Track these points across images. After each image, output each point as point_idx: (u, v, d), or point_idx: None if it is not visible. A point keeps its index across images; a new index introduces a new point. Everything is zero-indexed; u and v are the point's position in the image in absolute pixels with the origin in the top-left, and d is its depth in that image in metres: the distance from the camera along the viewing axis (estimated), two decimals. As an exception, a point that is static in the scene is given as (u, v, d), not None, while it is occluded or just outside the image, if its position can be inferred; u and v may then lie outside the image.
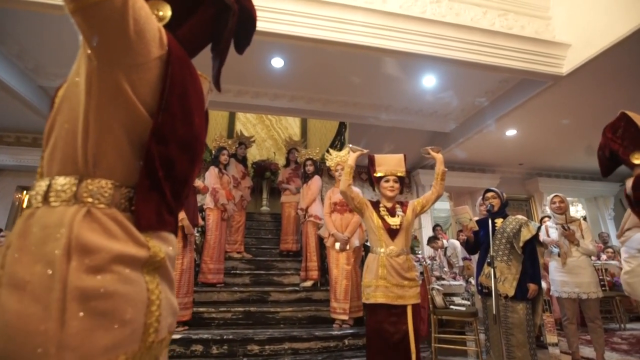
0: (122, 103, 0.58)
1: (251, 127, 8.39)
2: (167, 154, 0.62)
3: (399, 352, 1.99)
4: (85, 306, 0.49)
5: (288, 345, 2.83)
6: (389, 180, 2.31)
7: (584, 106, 4.07)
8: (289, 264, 4.40)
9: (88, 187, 0.57)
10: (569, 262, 3.04)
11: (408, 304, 2.07)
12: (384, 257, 2.14)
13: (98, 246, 0.52)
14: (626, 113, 1.89)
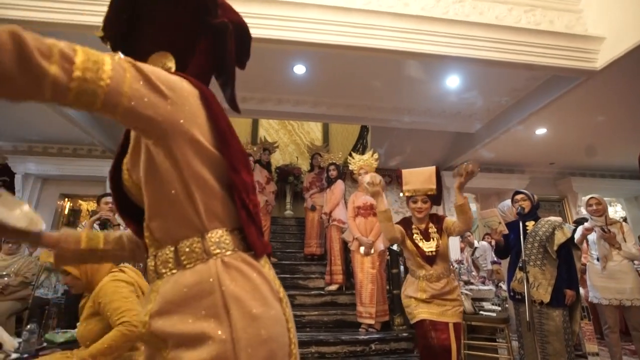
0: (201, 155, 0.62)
1: (274, 133, 8.54)
2: (242, 179, 0.66)
3: None
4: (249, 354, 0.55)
5: (315, 349, 2.84)
6: (417, 201, 2.12)
7: (619, 101, 3.86)
8: (314, 267, 4.43)
9: (211, 239, 0.62)
10: (610, 266, 2.89)
11: (450, 322, 1.99)
12: (423, 282, 2.05)
13: (245, 296, 0.58)
14: None
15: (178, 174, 0.60)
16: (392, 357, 2.91)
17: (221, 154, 0.64)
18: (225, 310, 0.55)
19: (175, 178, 0.60)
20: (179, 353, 0.54)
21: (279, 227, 5.89)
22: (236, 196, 0.64)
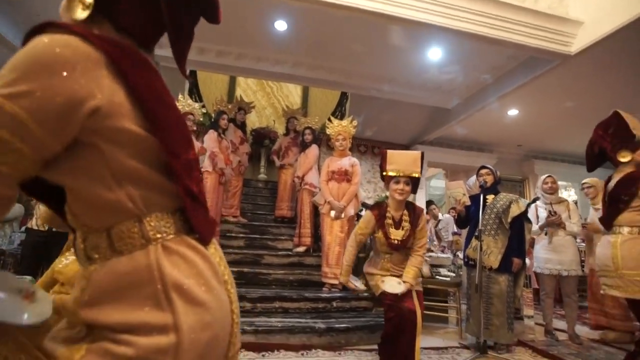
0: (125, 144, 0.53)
1: (251, 94, 8.24)
2: (182, 161, 0.59)
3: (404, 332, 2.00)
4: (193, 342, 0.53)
5: (279, 304, 2.96)
6: (399, 182, 2.06)
7: (588, 89, 4.02)
8: (283, 229, 4.50)
9: (150, 224, 0.56)
10: (555, 240, 3.16)
11: (413, 289, 2.06)
12: (388, 263, 2.12)
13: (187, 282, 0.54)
14: (619, 112, 1.94)
15: (102, 165, 0.52)
16: (352, 314, 3.10)
17: (153, 135, 0.55)
18: (166, 299, 0.52)
19: (98, 169, 0.52)
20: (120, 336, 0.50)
21: (251, 190, 5.87)
22: (178, 184, 0.57)
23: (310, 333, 2.61)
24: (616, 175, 1.93)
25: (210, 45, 4.16)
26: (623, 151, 1.87)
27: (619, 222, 1.86)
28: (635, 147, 1.88)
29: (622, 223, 1.85)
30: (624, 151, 1.86)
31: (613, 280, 1.85)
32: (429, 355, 2.53)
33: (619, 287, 1.81)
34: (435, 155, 6.35)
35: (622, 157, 1.87)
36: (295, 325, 2.63)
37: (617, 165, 1.94)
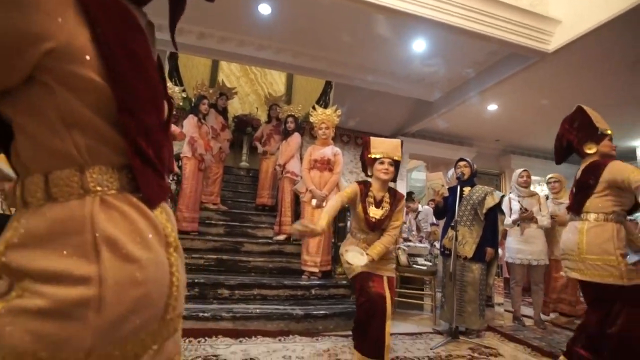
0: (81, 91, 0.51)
1: (234, 80, 8.06)
2: (139, 120, 0.57)
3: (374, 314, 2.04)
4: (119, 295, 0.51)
5: (257, 292, 2.97)
6: (383, 162, 2.15)
7: (564, 87, 4.16)
8: (264, 217, 4.49)
9: (92, 175, 0.54)
10: (526, 232, 3.30)
11: (384, 275, 2.13)
12: (363, 244, 2.15)
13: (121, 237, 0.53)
14: (582, 107, 2.05)
15: (52, 107, 0.50)
16: (330, 301, 3.14)
17: (110, 87, 0.53)
18: (94, 250, 0.50)
19: (48, 110, 0.51)
20: (37, 287, 0.49)
21: (232, 177, 5.80)
22: (128, 141, 0.56)
23: (288, 319, 2.64)
24: (582, 165, 2.04)
25: (191, 27, 4.02)
26: (588, 143, 1.98)
27: (587, 208, 1.96)
28: (599, 140, 1.99)
29: (589, 210, 1.95)
30: (590, 143, 1.98)
31: (575, 264, 1.95)
32: (403, 341, 2.61)
33: (580, 271, 1.92)
34: (417, 148, 6.45)
35: (588, 149, 1.98)
36: (273, 311, 2.65)
37: (583, 157, 2.05)
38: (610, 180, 1.88)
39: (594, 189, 1.92)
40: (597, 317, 1.90)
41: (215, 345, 2.21)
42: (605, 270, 1.83)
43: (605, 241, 1.86)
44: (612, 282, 1.81)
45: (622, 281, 1.79)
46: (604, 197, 1.90)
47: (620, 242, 1.85)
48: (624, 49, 3.32)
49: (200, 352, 2.07)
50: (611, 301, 1.85)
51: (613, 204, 1.89)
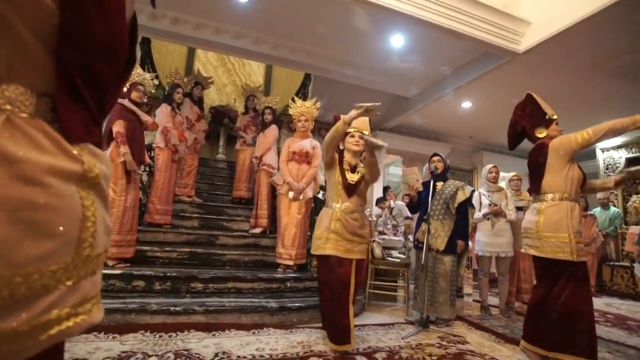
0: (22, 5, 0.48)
1: (212, 69, 7.84)
2: (83, 58, 0.55)
3: (338, 299, 2.13)
4: (11, 215, 0.47)
5: (232, 285, 2.93)
6: (354, 136, 2.31)
7: (533, 87, 4.27)
8: (240, 211, 4.43)
9: (4, 93, 0.50)
10: (496, 225, 3.45)
11: (354, 258, 2.19)
12: (339, 212, 2.20)
13: (23, 157, 0.48)
14: (532, 94, 2.18)
15: None
16: (305, 293, 3.16)
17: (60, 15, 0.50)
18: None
19: None
20: None
21: (208, 169, 5.68)
22: (62, 73, 0.53)
23: (263, 312, 2.63)
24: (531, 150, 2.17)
25: (165, 11, 3.87)
26: (539, 128, 2.13)
27: (544, 189, 2.08)
28: (548, 124, 2.13)
29: (546, 190, 2.08)
30: (540, 128, 2.13)
31: (533, 242, 2.08)
32: (376, 331, 2.67)
33: (537, 248, 2.05)
34: (394, 143, 6.55)
35: (539, 133, 2.12)
36: (247, 305, 2.63)
37: (534, 142, 2.18)
38: (558, 152, 2.00)
39: (545, 166, 2.04)
40: (543, 291, 2.02)
41: (187, 339, 2.17)
42: (558, 247, 1.95)
43: (559, 219, 1.97)
44: (563, 257, 1.93)
45: (572, 257, 1.91)
46: (556, 175, 2.02)
47: (573, 220, 1.97)
48: (587, 52, 3.49)
49: (171, 347, 2.02)
50: (558, 276, 1.97)
51: (565, 181, 2.01)
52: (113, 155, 2.77)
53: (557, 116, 2.16)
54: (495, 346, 2.49)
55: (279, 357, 2.00)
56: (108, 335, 2.09)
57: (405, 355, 2.15)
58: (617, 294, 5.26)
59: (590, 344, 1.88)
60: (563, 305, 1.92)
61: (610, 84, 4.05)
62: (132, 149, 2.84)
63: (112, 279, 2.60)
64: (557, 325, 1.93)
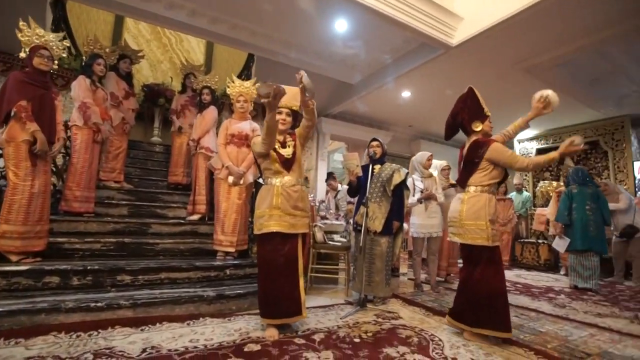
0: None
1: (144, 43, 7.13)
2: None
3: (286, 276, 2.13)
4: None
5: (165, 275, 2.75)
6: (281, 112, 2.23)
7: (464, 80, 4.62)
8: (177, 197, 4.16)
9: None
10: (429, 208, 3.70)
11: (299, 233, 2.19)
12: (280, 187, 2.16)
13: None
14: (473, 88, 2.33)
15: None
16: (246, 280, 3.09)
17: None
18: None
19: None
20: None
21: (141, 153, 5.21)
22: None
23: (199, 302, 2.51)
24: (468, 143, 2.32)
25: (80, -31, 3.36)
26: (476, 122, 2.28)
27: (470, 182, 2.27)
28: (484, 119, 2.30)
29: (471, 183, 2.27)
30: (477, 122, 2.28)
31: (457, 229, 2.28)
32: (315, 313, 2.71)
33: (460, 235, 2.25)
34: (338, 129, 6.63)
35: (476, 126, 2.28)
36: (181, 295, 2.49)
37: (469, 134, 2.35)
38: (492, 159, 2.21)
39: (478, 166, 2.21)
40: (466, 273, 2.25)
41: (110, 337, 1.98)
42: (476, 234, 2.16)
43: (479, 209, 2.18)
44: (481, 243, 2.14)
45: (488, 242, 2.14)
46: (482, 172, 2.23)
47: (490, 209, 2.18)
48: (510, 51, 3.84)
49: (90, 347, 1.83)
50: (477, 260, 2.18)
51: (488, 178, 2.23)
52: (13, 133, 2.37)
53: (490, 113, 2.32)
54: (425, 319, 2.69)
55: (214, 346, 1.93)
56: (9, 341, 1.83)
57: (343, 334, 2.22)
58: (526, 266, 6.03)
59: (505, 319, 2.11)
60: (481, 285, 2.13)
61: (525, 81, 4.52)
62: (41, 126, 2.47)
63: (16, 276, 2.27)
64: (477, 303, 2.14)
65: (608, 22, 3.33)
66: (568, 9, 3.09)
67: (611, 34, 3.47)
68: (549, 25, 3.35)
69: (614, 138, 6.28)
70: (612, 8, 3.12)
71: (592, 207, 4.05)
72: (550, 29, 3.43)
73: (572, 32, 3.49)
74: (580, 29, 3.45)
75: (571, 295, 3.76)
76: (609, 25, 3.37)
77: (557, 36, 3.57)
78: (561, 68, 4.37)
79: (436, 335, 2.29)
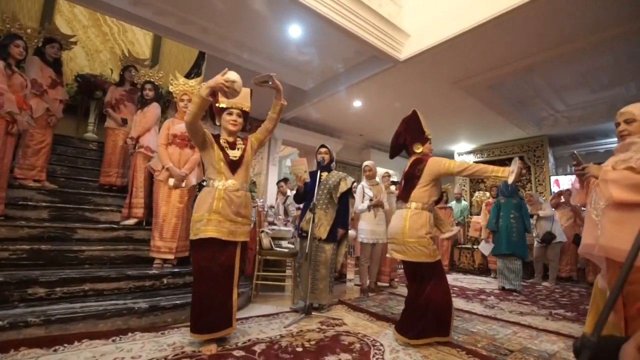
0: None
1: (80, 29, 6.50)
2: None
3: (220, 287, 2.00)
4: None
5: (90, 286, 2.47)
6: (232, 113, 2.15)
7: (410, 94, 4.93)
8: (110, 199, 3.79)
9: None
10: (377, 215, 3.81)
11: (238, 241, 2.08)
12: (222, 190, 2.04)
13: None
14: (416, 111, 2.45)
15: None
16: (185, 289, 2.89)
17: None
18: None
19: None
20: None
21: (70, 150, 4.70)
22: None
23: (128, 315, 2.28)
24: (409, 161, 2.42)
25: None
26: (417, 144, 2.39)
27: (412, 198, 2.35)
28: (424, 141, 2.42)
29: (413, 199, 2.35)
30: (417, 144, 2.39)
31: (399, 247, 2.33)
32: (259, 323, 2.62)
33: (403, 252, 2.30)
34: (290, 135, 6.60)
35: (417, 148, 2.39)
36: (107, 308, 2.24)
37: (410, 155, 2.45)
38: (432, 173, 2.29)
39: (419, 180, 2.30)
40: (412, 289, 2.32)
41: (13, 360, 1.71)
42: (420, 251, 2.22)
43: (420, 226, 2.25)
44: (424, 260, 2.22)
45: (431, 259, 2.22)
46: (423, 189, 2.31)
47: (430, 227, 2.28)
48: (451, 70, 4.14)
49: (-16, 372, 1.56)
50: (422, 275, 2.26)
51: (428, 195, 2.31)
52: None
53: (431, 136, 2.43)
54: (368, 324, 2.74)
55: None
56: None
57: (285, 344, 2.16)
58: (463, 270, 6.49)
59: (448, 325, 2.23)
60: (430, 300, 2.20)
61: (462, 99, 4.91)
62: None
63: None
64: (425, 317, 2.20)
65: (530, 52, 3.75)
66: (497, 36, 3.42)
67: (532, 63, 3.92)
68: (483, 49, 3.68)
69: (535, 155, 7.07)
70: (534, 40, 3.53)
71: (516, 216, 4.51)
72: (484, 53, 3.77)
73: (501, 57, 3.88)
74: (508, 55, 3.85)
75: (499, 297, 4.10)
76: (531, 54, 3.79)
77: (490, 60, 3.94)
78: (493, 89, 4.82)
79: (378, 340, 2.33)
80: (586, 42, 3.49)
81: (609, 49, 3.72)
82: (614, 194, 1.48)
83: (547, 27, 3.28)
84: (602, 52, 3.76)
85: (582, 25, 3.25)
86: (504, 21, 3.09)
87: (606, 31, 3.31)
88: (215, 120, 2.28)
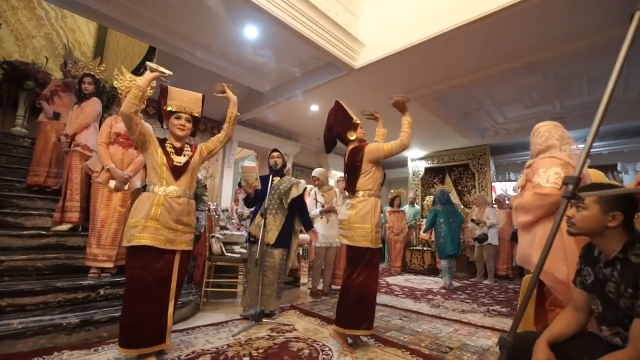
0: None
1: (8, 10, 5.85)
2: None
3: (154, 299, 1.88)
4: None
5: (8, 302, 2.20)
6: (180, 118, 2.06)
7: (364, 101, 5.04)
8: (40, 202, 3.43)
9: None
10: (330, 220, 3.86)
11: (177, 250, 1.97)
12: (162, 196, 1.93)
13: None
14: (339, 101, 2.54)
15: None
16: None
17: None
18: None
19: None
20: None
21: (-7, 145, 4.19)
22: None
23: (55, 332, 2.06)
24: (347, 151, 2.48)
25: None
26: (350, 131, 2.47)
27: (358, 187, 2.39)
28: (355, 127, 2.48)
29: (359, 188, 2.39)
30: (350, 131, 2.47)
31: (346, 232, 2.37)
32: (205, 332, 2.52)
33: (349, 238, 2.34)
34: (246, 136, 6.47)
35: (350, 135, 2.47)
36: (28, 326, 2.01)
37: (347, 144, 2.52)
38: (372, 159, 2.35)
39: (361, 169, 2.36)
40: (347, 275, 2.32)
41: None
42: (363, 237, 2.27)
43: (366, 213, 2.30)
44: (365, 245, 2.26)
45: (372, 245, 2.27)
46: (367, 177, 2.36)
47: (376, 214, 2.33)
48: (402, 80, 4.33)
49: None
50: (359, 261, 2.28)
51: (373, 180, 2.36)
52: None
53: (360, 122, 2.50)
54: (319, 329, 2.75)
55: (66, 386, 1.60)
56: None
57: (232, 354, 2.10)
58: (414, 271, 6.79)
59: (371, 317, 2.28)
60: (359, 286, 2.24)
61: (414, 108, 5.14)
62: None
63: None
64: (354, 304, 2.24)
65: (472, 69, 4.05)
66: (443, 52, 3.65)
67: (474, 78, 4.24)
68: (431, 63, 3.90)
69: (479, 162, 7.63)
70: (475, 58, 3.81)
71: (454, 220, 4.96)
72: (432, 67, 4.00)
73: (447, 71, 4.14)
74: (453, 70, 4.12)
75: (445, 296, 4.34)
76: (473, 71, 4.10)
77: (437, 73, 4.19)
78: (441, 101, 5.13)
79: (327, 345, 2.35)
80: (520, 63, 3.84)
81: (540, 69, 4.13)
82: (518, 219, 1.85)
83: (487, 46, 3.57)
84: (534, 72, 4.16)
85: (516, 46, 3.58)
86: (449, 38, 3.31)
87: (537, 54, 3.68)
88: (163, 125, 2.16)
